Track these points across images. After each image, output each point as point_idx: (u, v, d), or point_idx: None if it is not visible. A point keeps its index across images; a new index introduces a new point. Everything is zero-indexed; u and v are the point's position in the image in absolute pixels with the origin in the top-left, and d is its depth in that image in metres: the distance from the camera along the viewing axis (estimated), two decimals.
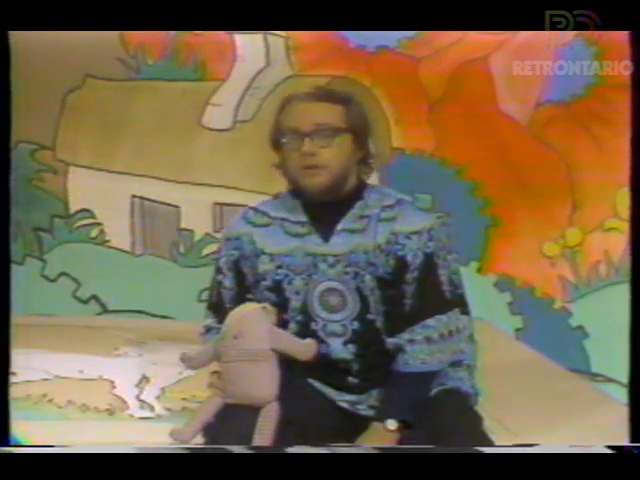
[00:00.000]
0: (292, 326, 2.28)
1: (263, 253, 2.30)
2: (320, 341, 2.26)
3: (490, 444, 2.22)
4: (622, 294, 2.60)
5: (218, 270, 2.37)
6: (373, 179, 2.39)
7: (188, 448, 2.19)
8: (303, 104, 2.29)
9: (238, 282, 2.34)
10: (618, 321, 2.61)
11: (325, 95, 2.31)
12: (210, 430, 2.20)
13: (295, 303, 2.28)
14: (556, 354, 3.86)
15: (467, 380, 2.33)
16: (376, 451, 2.16)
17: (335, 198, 2.29)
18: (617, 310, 2.66)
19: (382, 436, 2.20)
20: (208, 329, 2.35)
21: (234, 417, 2.18)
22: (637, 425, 2.43)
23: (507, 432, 2.88)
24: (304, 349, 2.22)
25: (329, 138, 2.25)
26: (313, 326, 2.27)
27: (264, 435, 2.14)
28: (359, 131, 2.30)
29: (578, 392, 3.54)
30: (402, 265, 2.25)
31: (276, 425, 2.16)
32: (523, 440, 2.77)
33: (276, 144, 2.32)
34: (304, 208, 2.31)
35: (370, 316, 2.27)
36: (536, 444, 2.49)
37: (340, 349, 2.26)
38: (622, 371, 2.56)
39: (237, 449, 2.12)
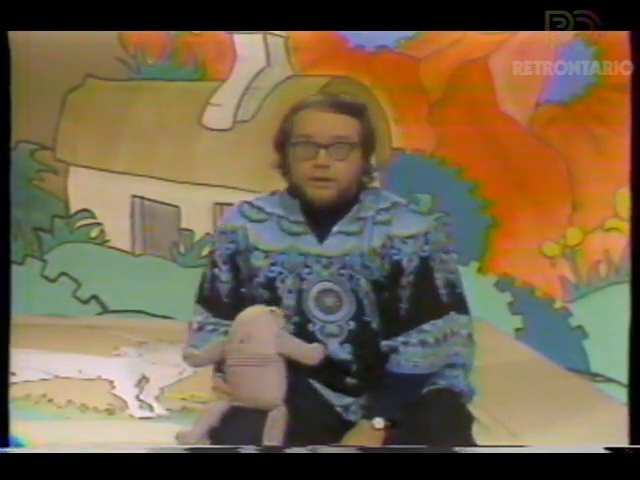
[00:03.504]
0: (289, 327, 2.27)
1: (256, 249, 2.30)
2: (318, 342, 2.26)
3: (473, 444, 2.22)
4: (622, 294, 2.60)
5: (213, 263, 2.35)
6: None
7: (187, 448, 2.19)
8: (321, 113, 2.26)
9: (234, 276, 2.33)
10: (618, 321, 2.61)
11: (342, 106, 2.27)
12: (216, 433, 2.20)
13: (287, 302, 2.28)
14: (556, 354, 3.85)
15: (462, 379, 2.33)
16: (369, 451, 2.16)
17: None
18: (617, 310, 2.66)
19: (369, 435, 2.21)
20: (201, 326, 2.32)
21: (241, 420, 2.18)
22: (637, 425, 2.43)
23: (506, 432, 2.88)
24: (311, 354, 2.22)
25: (345, 151, 2.24)
26: (310, 327, 2.27)
27: (273, 439, 2.14)
28: (368, 145, 2.30)
29: (578, 392, 3.54)
30: (397, 269, 2.25)
31: (284, 429, 2.16)
32: (522, 440, 2.77)
33: (280, 146, 2.30)
34: (301, 208, 2.30)
35: (366, 318, 2.27)
36: (535, 444, 2.50)
37: (338, 350, 2.26)
38: (622, 371, 2.56)
39: (239, 450, 2.12)
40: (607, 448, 2.18)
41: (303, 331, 2.27)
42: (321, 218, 2.28)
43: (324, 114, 2.26)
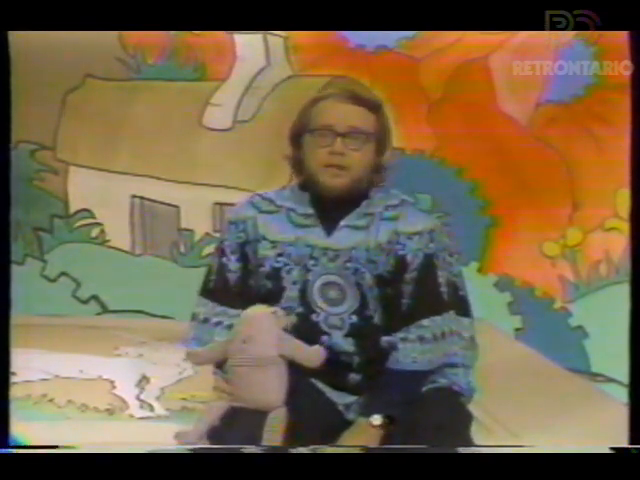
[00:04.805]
0: (293, 317, 2.27)
1: (264, 239, 2.32)
2: (322, 333, 2.28)
3: (472, 444, 2.22)
4: (622, 294, 2.60)
5: (221, 254, 2.37)
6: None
7: (187, 448, 2.19)
8: (339, 104, 2.31)
9: (243, 266, 2.35)
10: (618, 321, 2.61)
11: (360, 99, 2.33)
12: (216, 433, 2.21)
13: (290, 293, 2.29)
14: (556, 354, 3.85)
15: (462, 378, 2.34)
16: (370, 451, 2.16)
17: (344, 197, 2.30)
18: (617, 310, 2.65)
19: (367, 432, 2.21)
20: (207, 317, 2.33)
21: (240, 420, 2.19)
22: (637, 425, 2.42)
23: (506, 432, 2.88)
24: (312, 356, 2.22)
25: (360, 142, 2.28)
26: (314, 318, 2.29)
27: (272, 439, 2.14)
28: (382, 140, 2.35)
29: (578, 392, 3.53)
30: (402, 265, 2.28)
31: (284, 430, 2.16)
32: (522, 440, 2.77)
33: (296, 137, 2.34)
34: (311, 201, 2.33)
35: (368, 312, 2.29)
36: (535, 444, 2.49)
37: (341, 341, 2.27)
38: (622, 371, 2.56)
39: (239, 450, 2.12)
40: (611, 448, 2.19)
41: (307, 321, 2.28)
42: (330, 211, 2.31)
43: (342, 105, 2.31)
